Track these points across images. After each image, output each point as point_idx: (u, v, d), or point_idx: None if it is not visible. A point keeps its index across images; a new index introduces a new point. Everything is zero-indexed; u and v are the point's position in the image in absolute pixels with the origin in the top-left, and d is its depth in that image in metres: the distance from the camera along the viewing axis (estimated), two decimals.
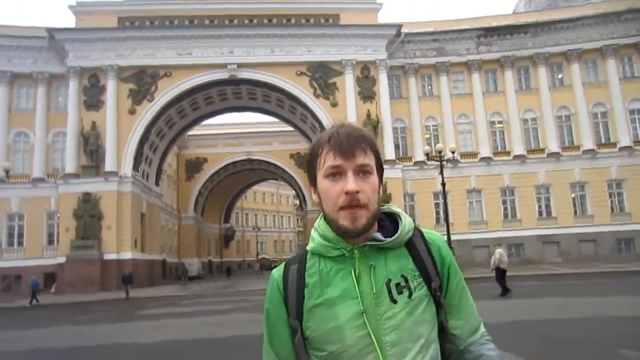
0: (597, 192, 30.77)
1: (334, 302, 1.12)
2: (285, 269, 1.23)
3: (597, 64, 32.72)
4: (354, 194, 1.10)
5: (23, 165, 29.83)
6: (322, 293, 1.14)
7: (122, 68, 30.15)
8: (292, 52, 31.44)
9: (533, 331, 8.51)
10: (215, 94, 33.79)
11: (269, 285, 1.23)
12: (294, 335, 1.17)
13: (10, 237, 29.02)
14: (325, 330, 1.12)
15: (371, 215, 1.13)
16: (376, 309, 1.11)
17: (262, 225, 70.34)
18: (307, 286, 1.17)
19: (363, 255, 1.15)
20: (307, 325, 1.15)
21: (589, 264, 25.58)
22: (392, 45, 32.16)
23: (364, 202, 1.11)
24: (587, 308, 10.81)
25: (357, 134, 1.15)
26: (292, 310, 1.17)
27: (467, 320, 1.24)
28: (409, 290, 1.13)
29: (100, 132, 29.06)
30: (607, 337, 7.72)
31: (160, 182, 36.41)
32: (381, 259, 1.16)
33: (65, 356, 8.88)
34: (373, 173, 1.15)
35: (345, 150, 1.12)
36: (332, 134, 1.16)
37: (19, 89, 30.72)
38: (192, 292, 25.27)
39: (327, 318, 1.12)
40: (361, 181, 1.12)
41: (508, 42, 32.85)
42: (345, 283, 1.14)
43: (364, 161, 1.13)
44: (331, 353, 1.12)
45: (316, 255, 1.20)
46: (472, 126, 32.79)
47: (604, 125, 32.14)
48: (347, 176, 1.12)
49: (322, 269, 1.17)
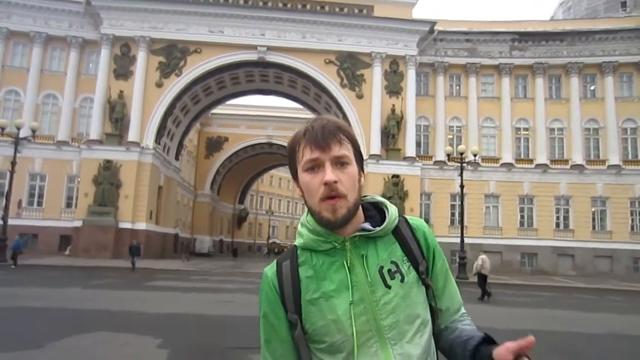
0: (619, 209, 30.20)
1: (331, 294, 1.15)
2: (277, 266, 1.24)
3: (633, 79, 31.93)
4: (332, 184, 1.12)
5: (49, 127, 30.31)
6: (319, 287, 1.16)
7: (154, 40, 30.38)
8: (322, 39, 31.31)
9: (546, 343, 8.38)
10: (242, 75, 33.87)
11: (263, 284, 1.24)
12: (294, 330, 1.19)
13: (30, 197, 29.64)
14: (325, 322, 1.14)
15: (352, 204, 1.15)
16: (372, 296, 1.14)
17: (275, 210, 70.64)
18: (302, 281, 1.19)
19: (354, 246, 1.18)
20: (305, 319, 1.17)
21: (604, 280, 25.22)
22: (424, 42, 31.81)
23: (342, 192, 1.13)
24: (602, 324, 10.66)
25: (332, 126, 1.17)
26: (289, 305, 1.18)
27: (452, 301, 1.28)
28: (401, 274, 1.17)
29: (127, 102, 29.42)
30: (621, 355, 7.61)
31: (180, 157, 36.77)
32: (371, 248, 1.19)
33: (75, 317, 9.07)
34: (351, 163, 1.17)
35: (320, 142, 1.14)
36: (307, 128, 1.18)
37: (52, 51, 31.16)
38: (200, 268, 25.55)
39: (325, 311, 1.14)
40: (339, 171, 1.14)
41: (542, 48, 32.23)
42: (340, 275, 1.16)
43: (339, 152, 1.15)
44: (332, 344, 1.14)
45: (307, 250, 1.22)
46: (497, 130, 32.36)
47: (633, 141, 31.46)
48: (324, 167, 1.14)
49: (316, 264, 1.19)
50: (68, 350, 6.57)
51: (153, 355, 6.45)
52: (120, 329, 7.99)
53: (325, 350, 1.16)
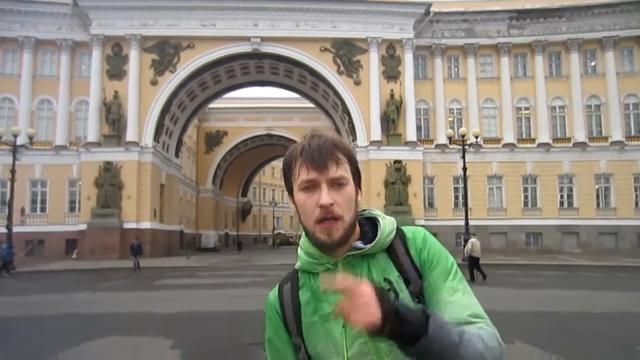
0: (623, 185, 30.00)
1: (328, 317, 1.11)
2: (279, 290, 1.24)
3: (634, 53, 31.47)
4: (327, 206, 1.08)
5: (46, 133, 30.18)
6: (316, 309, 1.15)
7: (146, 38, 30.02)
8: (317, 27, 30.89)
9: (554, 323, 8.42)
10: (237, 67, 33.53)
11: (267, 309, 1.24)
12: (298, 353, 1.17)
13: (33, 203, 29.67)
14: (324, 346, 1.12)
15: (347, 226, 1.11)
16: None
17: (279, 201, 70.68)
18: (302, 304, 1.18)
19: (348, 266, 1.14)
20: (307, 341, 1.15)
21: (609, 257, 25.14)
22: (420, 25, 31.36)
23: (338, 214, 1.09)
24: (607, 302, 10.63)
25: (329, 145, 1.12)
26: (292, 329, 1.18)
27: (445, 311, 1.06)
28: (395, 292, 1.06)
29: (122, 102, 29.19)
30: (628, 333, 7.55)
31: (180, 154, 36.64)
32: (365, 266, 1.15)
33: (84, 322, 9.03)
34: (348, 184, 1.13)
35: (317, 163, 1.10)
36: (304, 146, 1.13)
37: (43, 56, 30.82)
38: (208, 264, 25.58)
39: (322, 334, 1.13)
40: (335, 193, 1.10)
41: (541, 25, 31.72)
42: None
43: (336, 174, 1.10)
44: None
45: (305, 272, 1.21)
46: (498, 111, 32.05)
47: (635, 117, 31.15)
48: (320, 189, 1.09)
49: (313, 285, 1.18)
50: (82, 357, 6.54)
51: (168, 356, 6.40)
52: (132, 332, 8.00)
53: None
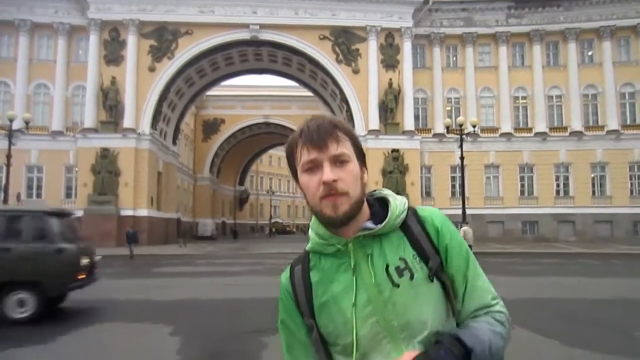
0: (618, 174, 30.26)
1: (338, 296, 1.13)
2: (291, 272, 1.24)
3: (630, 43, 31.62)
4: (331, 183, 1.08)
5: (43, 117, 29.99)
6: (327, 290, 1.15)
7: (144, 23, 29.82)
8: (316, 14, 30.77)
9: (550, 309, 8.51)
10: (235, 55, 33.39)
11: (280, 291, 1.25)
12: (311, 333, 1.18)
13: (29, 189, 29.48)
14: (335, 325, 1.13)
15: (354, 202, 1.11)
16: (379, 296, 1.10)
17: (276, 190, 70.71)
18: (313, 285, 1.18)
19: (359, 246, 1.14)
20: (319, 322, 1.16)
21: (604, 245, 25.41)
22: (419, 13, 31.30)
23: (342, 190, 1.10)
24: (603, 289, 10.76)
25: (327, 124, 1.13)
26: (304, 310, 1.18)
27: (471, 300, 1.15)
28: (410, 272, 1.11)
29: (120, 88, 29.05)
30: (624, 319, 7.68)
31: (177, 142, 36.56)
32: (377, 246, 1.14)
33: (87, 308, 9.09)
34: (351, 160, 1.13)
35: (317, 142, 1.11)
36: (303, 128, 1.15)
37: (40, 40, 30.57)
38: (205, 252, 25.65)
39: (334, 313, 1.13)
40: (339, 170, 1.10)
41: (539, 15, 31.74)
42: (347, 276, 1.14)
43: (337, 151, 1.11)
44: (345, 346, 1.13)
45: (316, 253, 1.21)
46: (495, 100, 32.14)
47: (631, 106, 31.34)
48: (323, 167, 1.10)
49: (324, 266, 1.18)
50: (83, 342, 6.58)
51: (169, 342, 6.43)
52: (132, 319, 8.00)
53: (340, 352, 1.15)
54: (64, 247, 7.96)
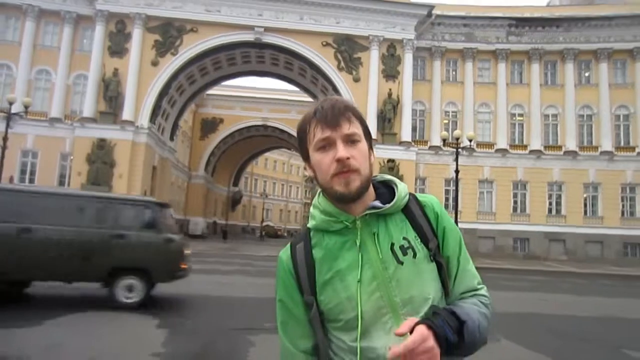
0: (610, 195, 30.56)
1: (344, 272, 1.17)
2: (292, 249, 1.27)
3: (627, 66, 32.07)
4: (344, 160, 1.14)
5: (42, 103, 29.86)
6: (331, 267, 1.19)
7: (150, 17, 29.97)
8: (320, 21, 31.04)
9: (539, 324, 8.51)
10: (238, 55, 33.57)
11: (279, 269, 1.27)
12: (309, 311, 1.21)
13: (22, 174, 29.27)
14: (339, 301, 1.17)
15: (364, 178, 1.17)
16: (384, 272, 1.16)
17: (270, 193, 70.61)
18: (316, 262, 1.21)
19: (365, 224, 1.20)
20: (321, 299, 1.19)
21: (595, 265, 25.58)
22: (422, 26, 31.66)
23: (355, 167, 1.15)
24: (593, 307, 10.82)
25: (341, 104, 1.19)
26: (305, 288, 1.21)
27: (462, 281, 1.26)
28: (413, 250, 1.18)
29: (121, 80, 29.07)
30: (613, 336, 7.74)
31: (174, 138, 36.56)
32: (382, 225, 1.20)
33: (75, 297, 9.04)
34: (361, 140, 1.19)
35: (331, 121, 1.16)
36: (317, 108, 1.20)
37: (46, 26, 30.56)
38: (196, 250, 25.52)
39: (339, 289, 1.17)
40: (351, 148, 1.16)
41: (539, 34, 32.23)
42: (352, 253, 1.19)
43: (350, 130, 1.17)
44: (347, 321, 1.17)
45: (319, 231, 1.25)
46: (492, 116, 32.46)
47: (625, 128, 31.72)
48: (336, 145, 1.16)
49: (328, 244, 1.22)
50: (68, 326, 6.59)
51: (152, 335, 6.43)
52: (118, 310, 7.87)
53: (341, 329, 1.19)
54: (172, 237, 8.48)
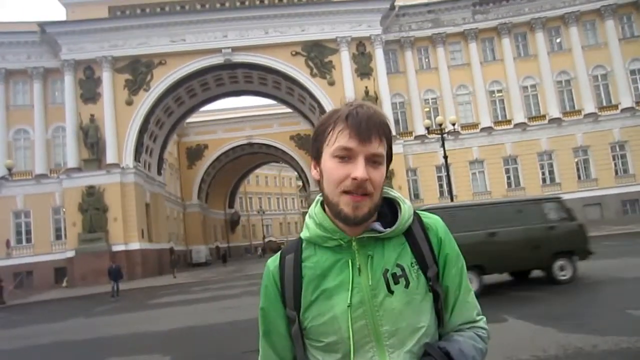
0: (601, 156, 30.69)
1: (331, 293, 1.10)
2: (281, 260, 1.19)
3: (596, 26, 32.29)
4: (362, 181, 1.04)
5: (25, 162, 29.90)
6: (320, 284, 1.11)
7: (117, 58, 29.93)
8: (286, 32, 31.11)
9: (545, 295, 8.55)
10: (211, 80, 33.56)
11: (265, 278, 1.20)
12: (291, 325, 1.15)
13: (18, 235, 29.23)
14: (323, 321, 1.10)
15: (373, 205, 1.08)
16: (373, 300, 1.08)
17: (266, 209, 70.46)
18: (304, 277, 1.14)
19: (361, 245, 1.11)
20: (304, 316, 1.12)
21: (596, 227, 25.54)
22: (387, 20, 31.77)
23: (369, 191, 1.06)
24: (596, 271, 10.82)
25: (378, 119, 1.08)
26: (289, 301, 1.14)
27: (460, 314, 1.18)
28: (406, 279, 1.09)
29: (99, 125, 29.03)
30: (617, 298, 7.78)
31: (162, 172, 36.45)
32: (379, 248, 1.12)
33: (84, 347, 9.01)
34: (383, 164, 1.09)
35: (362, 134, 1.05)
36: (351, 112, 1.07)
37: (15, 86, 30.63)
38: (200, 279, 25.46)
39: (324, 309, 1.10)
40: (371, 169, 1.06)
41: (504, 9, 32.40)
42: (343, 274, 1.10)
43: (377, 150, 1.06)
44: (328, 344, 1.10)
45: (312, 244, 1.16)
46: (472, 97, 32.57)
47: (605, 87, 31.89)
48: (357, 161, 1.05)
49: (319, 260, 1.13)
50: None
51: None
52: (128, 352, 7.96)
53: (320, 349, 1.13)
54: (582, 223, 10.45)
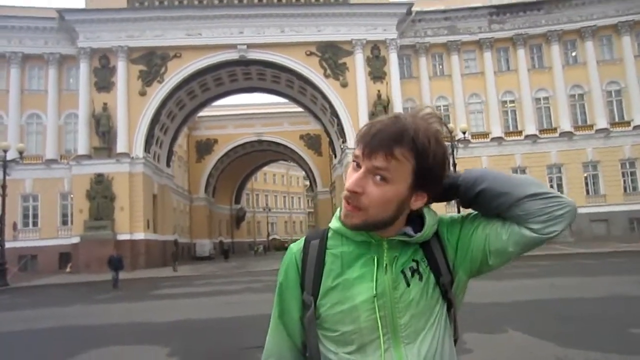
0: (610, 172, 30.48)
1: (352, 283, 1.11)
2: (305, 244, 1.20)
3: (612, 41, 32.08)
4: (351, 193, 1.05)
5: (36, 147, 30.22)
6: (342, 273, 1.13)
7: (132, 49, 30.14)
8: (301, 32, 31.16)
9: (547, 311, 8.50)
10: (224, 75, 33.69)
11: (286, 259, 1.21)
12: (306, 311, 1.16)
13: (25, 218, 29.62)
14: (340, 310, 1.11)
15: (372, 220, 1.07)
16: (393, 292, 1.11)
17: (272, 206, 70.64)
18: (327, 264, 1.15)
19: (390, 246, 1.13)
20: (321, 303, 1.13)
21: (602, 244, 25.45)
22: (403, 24, 31.75)
23: (361, 205, 1.05)
24: (600, 288, 10.76)
25: (390, 136, 1.03)
26: (307, 286, 1.15)
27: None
28: (419, 273, 1.13)
29: (112, 114, 29.23)
30: (620, 316, 7.70)
31: (171, 164, 36.64)
32: (405, 249, 1.14)
33: (85, 334, 9.10)
34: (392, 183, 1.04)
35: (367, 146, 1.05)
36: (373, 123, 1.08)
37: (31, 71, 30.94)
38: (202, 272, 25.56)
39: (343, 298, 1.11)
40: (372, 183, 1.04)
41: (521, 19, 32.27)
42: (366, 267, 1.12)
43: (382, 164, 1.03)
44: (344, 334, 1.11)
45: (340, 235, 1.16)
46: (484, 106, 32.47)
47: (618, 103, 31.67)
48: (358, 172, 1.06)
49: (344, 251, 1.15)
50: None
51: None
52: (128, 342, 8.01)
53: (334, 340, 1.13)
54: None
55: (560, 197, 1.07)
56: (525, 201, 1.06)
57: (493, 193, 1.09)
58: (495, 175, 1.12)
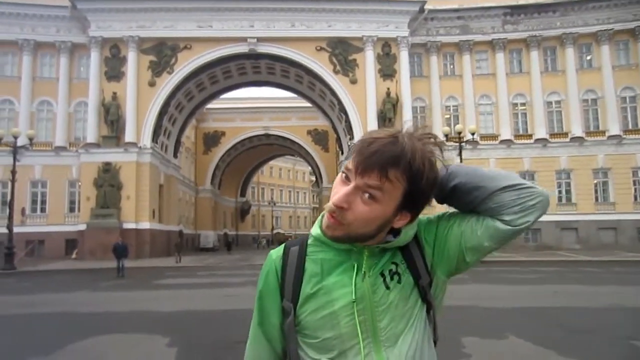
0: (621, 179, 30.04)
1: (332, 289, 1.11)
2: (285, 251, 1.20)
3: (629, 46, 31.53)
4: (336, 208, 1.04)
5: (46, 134, 30.47)
6: (321, 280, 1.12)
7: (143, 39, 30.19)
8: (312, 26, 31.04)
9: (550, 319, 8.44)
10: (234, 68, 33.68)
11: (266, 265, 1.21)
12: (285, 318, 1.15)
13: (33, 204, 29.96)
14: (321, 316, 1.11)
15: (353, 235, 1.07)
16: (372, 296, 1.10)
17: (277, 201, 70.78)
18: (306, 271, 1.14)
19: (371, 253, 1.13)
20: (301, 310, 1.13)
21: (609, 252, 25.21)
22: (415, 22, 31.49)
23: (345, 221, 1.05)
24: (604, 297, 10.65)
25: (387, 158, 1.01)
26: (287, 293, 1.15)
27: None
28: (398, 275, 1.13)
29: (121, 103, 29.36)
30: (623, 327, 7.62)
31: (178, 155, 36.77)
32: (384, 255, 1.14)
33: (87, 321, 9.15)
34: (381, 203, 1.03)
35: (361, 163, 1.02)
36: (367, 138, 1.06)
37: (42, 58, 31.13)
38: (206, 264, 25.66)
39: (323, 304, 1.11)
40: (359, 200, 1.03)
41: (535, 21, 31.87)
42: (346, 274, 1.12)
43: (373, 183, 1.01)
44: (324, 340, 1.11)
45: (320, 242, 1.16)
46: (494, 107, 32.17)
47: (632, 110, 31.19)
48: (345, 187, 1.05)
49: (324, 258, 1.14)
50: (78, 354, 6.63)
51: (162, 353, 6.51)
52: (129, 330, 8.07)
53: (314, 346, 1.13)
54: None
55: (533, 187, 1.08)
56: (499, 193, 1.07)
57: (467, 187, 1.10)
58: (468, 170, 1.13)
